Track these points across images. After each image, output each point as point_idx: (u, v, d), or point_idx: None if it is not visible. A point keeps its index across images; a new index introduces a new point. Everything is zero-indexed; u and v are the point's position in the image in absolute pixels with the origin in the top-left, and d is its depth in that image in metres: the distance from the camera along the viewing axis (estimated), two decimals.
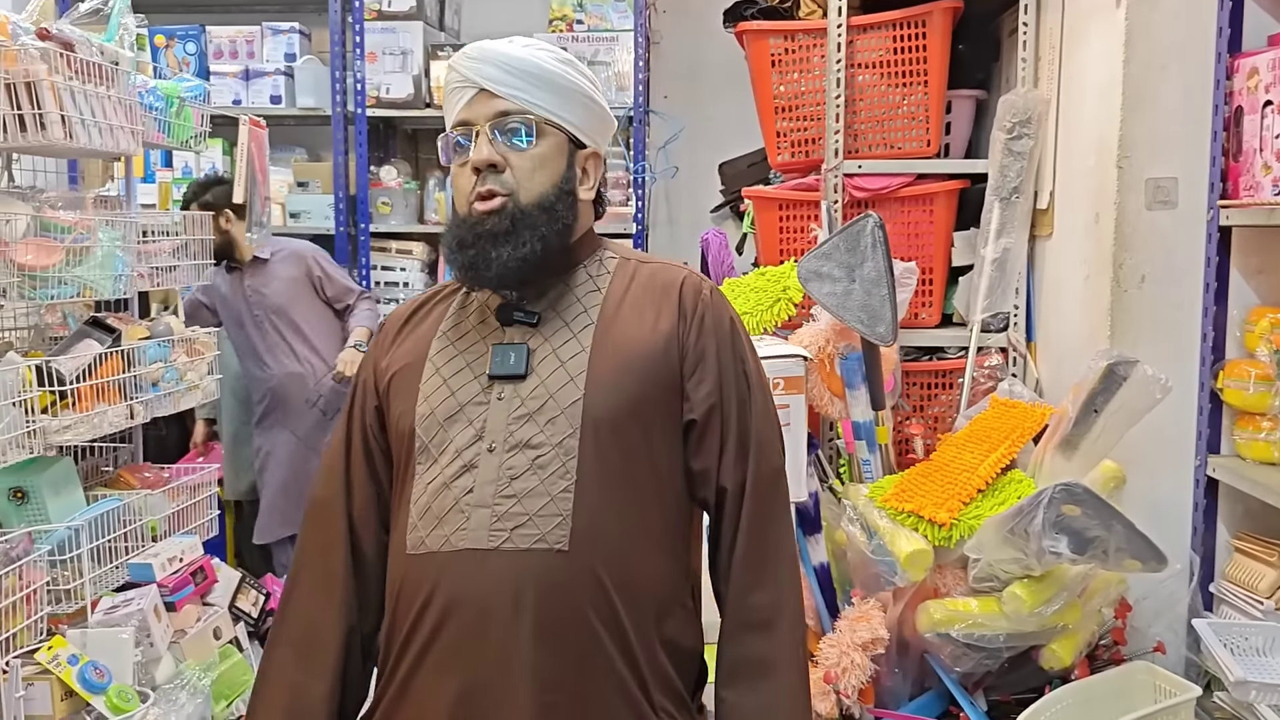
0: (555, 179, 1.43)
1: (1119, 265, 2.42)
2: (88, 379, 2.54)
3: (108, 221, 2.72)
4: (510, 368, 1.41)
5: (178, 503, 2.95)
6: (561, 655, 1.33)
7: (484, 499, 1.36)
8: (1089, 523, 1.98)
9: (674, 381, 1.42)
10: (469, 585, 1.34)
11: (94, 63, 2.59)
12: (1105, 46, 2.50)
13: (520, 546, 1.33)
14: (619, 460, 1.37)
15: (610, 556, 1.35)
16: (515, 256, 1.39)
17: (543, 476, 1.35)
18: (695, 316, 1.44)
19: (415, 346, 1.50)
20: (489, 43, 1.45)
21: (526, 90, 1.42)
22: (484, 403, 1.40)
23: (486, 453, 1.38)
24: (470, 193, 1.42)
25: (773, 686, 1.40)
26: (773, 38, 3.09)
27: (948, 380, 3.01)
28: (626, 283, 1.48)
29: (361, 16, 4.42)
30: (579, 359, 1.40)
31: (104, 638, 2.39)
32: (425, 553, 1.37)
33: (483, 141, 1.40)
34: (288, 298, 3.84)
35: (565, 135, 1.45)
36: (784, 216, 3.12)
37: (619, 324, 1.43)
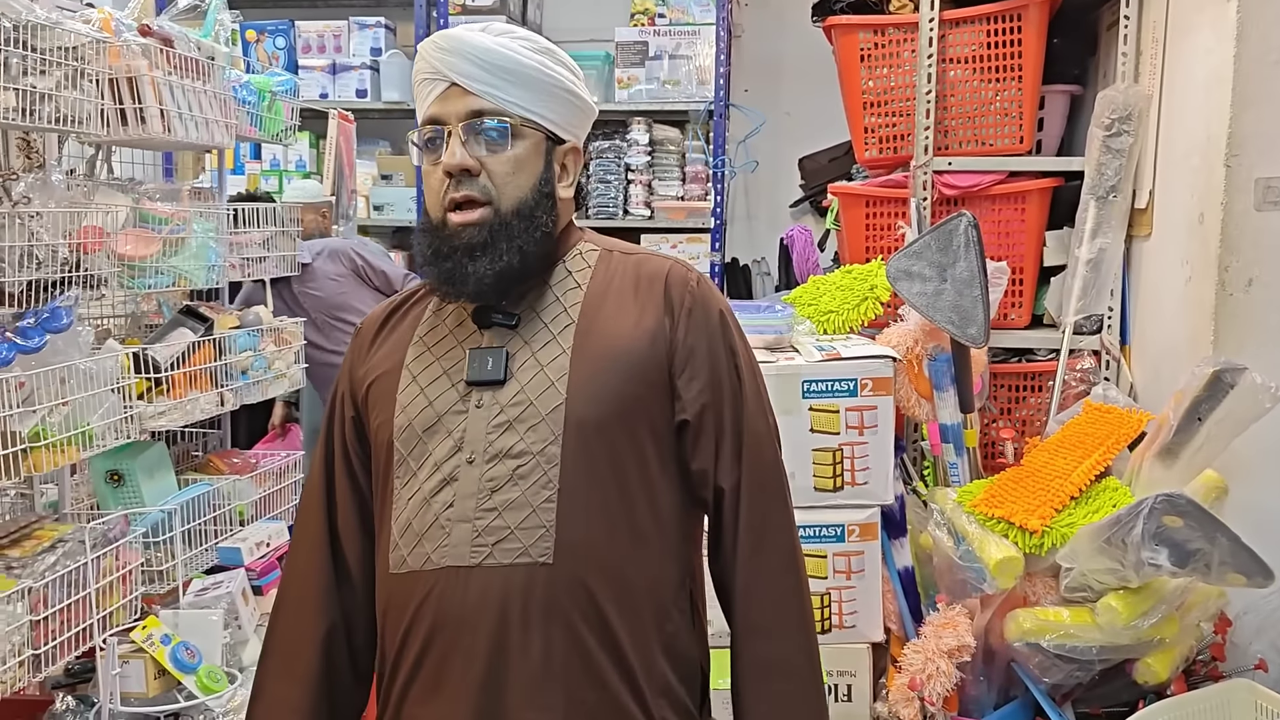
0: (534, 180, 1.34)
1: (1224, 268, 2.34)
2: (182, 366, 2.60)
3: (200, 213, 2.78)
4: (488, 373, 1.33)
5: (264, 488, 3.01)
6: (552, 672, 1.28)
7: (465, 513, 1.30)
8: (1191, 535, 1.92)
9: (663, 380, 1.34)
10: (452, 605, 1.28)
11: (191, 58, 2.65)
12: (1213, 41, 2.41)
13: (503, 562, 1.28)
14: (605, 465, 1.31)
15: (599, 566, 1.30)
16: (492, 270, 1.31)
17: (524, 487, 1.29)
18: (683, 310, 1.36)
19: (391, 353, 1.42)
20: (461, 31, 1.34)
21: (502, 87, 1.32)
22: (463, 411, 1.33)
23: (466, 464, 1.31)
24: (444, 196, 1.33)
25: (784, 688, 1.36)
26: (862, 32, 3.04)
27: (1036, 383, 2.95)
28: (608, 277, 1.39)
29: (446, 10, 4.46)
30: (559, 361, 1.33)
31: (195, 619, 2.44)
32: (407, 571, 1.32)
33: (455, 143, 1.31)
34: (341, 294, 3.86)
35: (543, 132, 1.36)
36: (870, 213, 3.07)
37: (601, 321, 1.35)
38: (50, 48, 2.08)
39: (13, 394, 1.96)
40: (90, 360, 2.22)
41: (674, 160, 4.53)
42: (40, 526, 2.22)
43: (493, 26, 1.37)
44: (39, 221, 2.14)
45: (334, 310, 3.87)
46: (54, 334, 2.13)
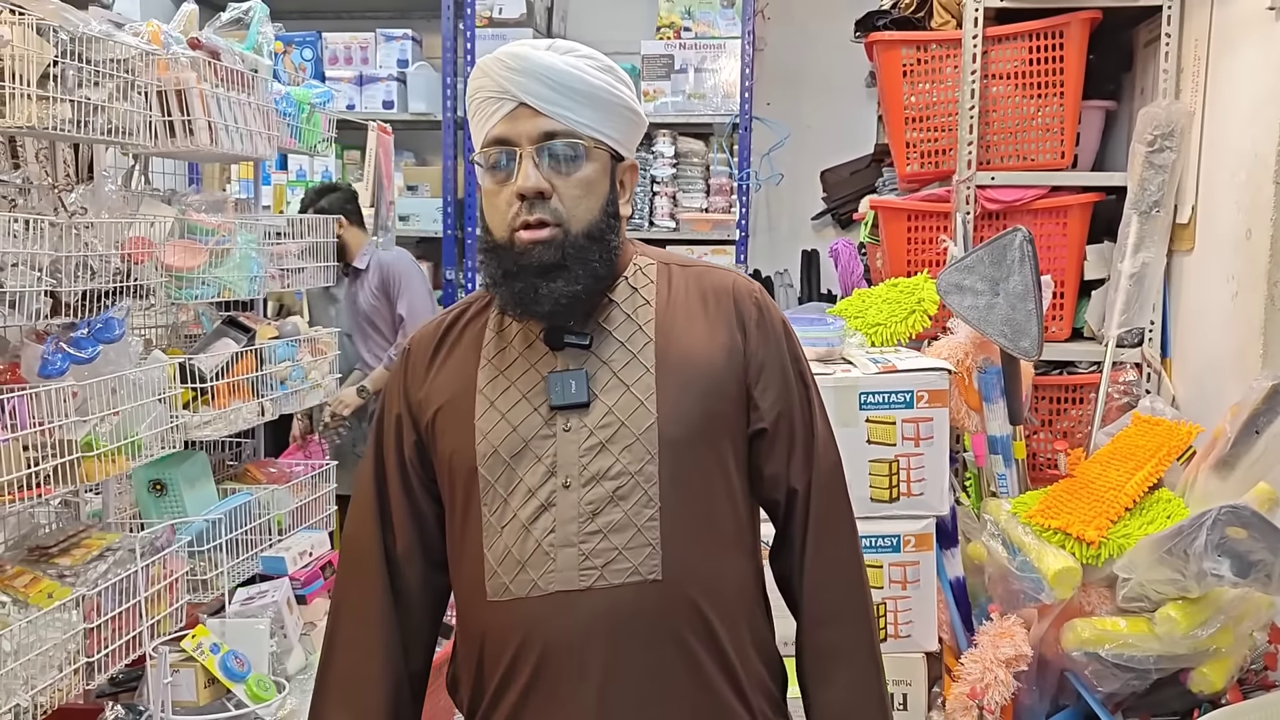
0: (602, 201, 1.35)
1: (1273, 283, 2.36)
2: (225, 377, 2.60)
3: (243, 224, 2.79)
4: (572, 396, 1.33)
5: (300, 498, 3.01)
6: (664, 682, 1.31)
7: (568, 538, 1.31)
8: (1254, 545, 1.94)
9: (740, 393, 1.38)
10: (564, 628, 1.30)
11: (237, 70, 2.67)
12: (1261, 59, 2.44)
13: (614, 583, 1.30)
14: (697, 479, 1.34)
15: (699, 575, 1.33)
16: (567, 292, 1.31)
17: (626, 508, 1.31)
18: (752, 323, 1.40)
19: (457, 378, 1.40)
20: (527, 50, 1.33)
21: (572, 108, 1.32)
22: (550, 435, 1.33)
23: (563, 489, 1.32)
24: (513, 218, 1.31)
25: (849, 674, 1.40)
26: (905, 48, 3.08)
27: (1078, 395, 2.97)
28: (673, 291, 1.41)
29: (473, 24, 4.49)
30: (645, 380, 1.34)
31: (242, 628, 2.44)
32: (511, 599, 1.32)
33: (528, 166, 1.30)
34: (374, 306, 3.95)
35: (609, 151, 1.36)
36: (912, 227, 3.10)
37: (677, 338, 1.37)
38: (103, 60, 2.10)
39: (67, 404, 1.97)
40: (139, 370, 2.23)
41: (699, 173, 4.56)
42: (88, 535, 2.23)
43: (557, 45, 1.36)
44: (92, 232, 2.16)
45: (368, 315, 3.94)
46: (106, 344, 2.14)
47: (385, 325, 3.99)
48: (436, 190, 4.64)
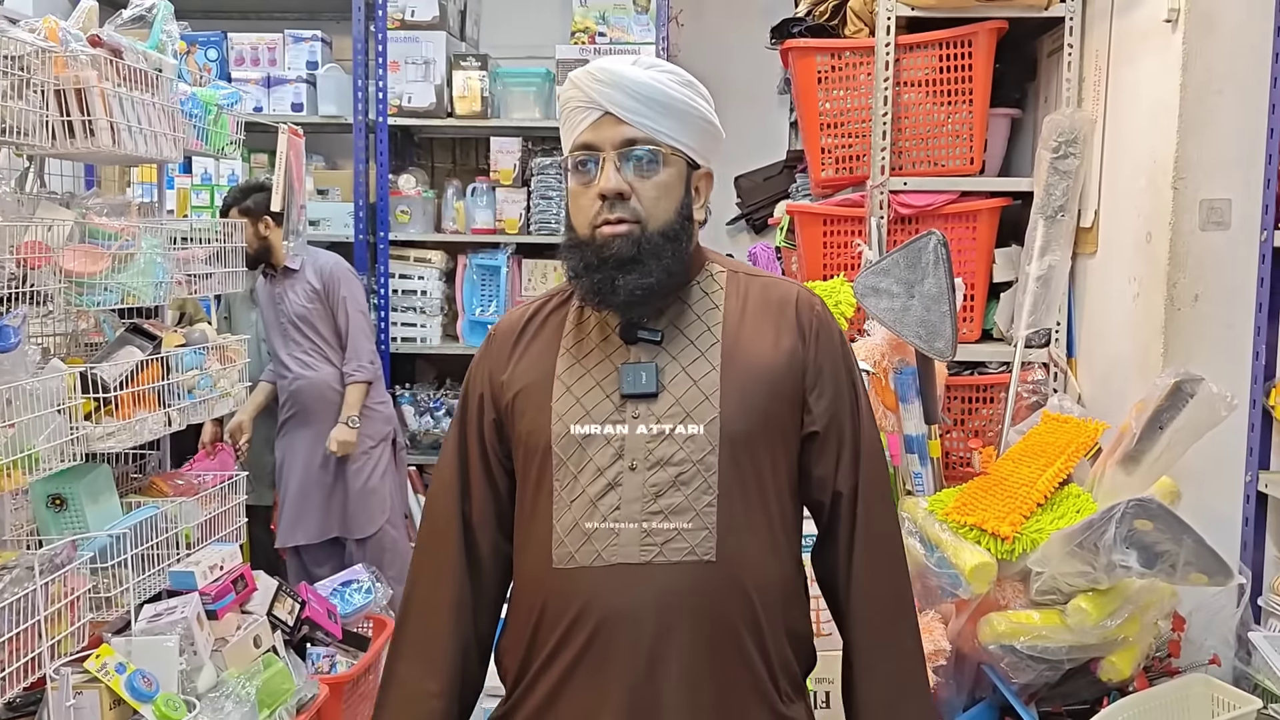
0: (677, 204, 1.46)
1: (1172, 284, 2.46)
2: (129, 386, 2.52)
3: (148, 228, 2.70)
4: (643, 386, 1.45)
5: (209, 510, 2.93)
6: (708, 657, 1.41)
7: (632, 515, 1.42)
8: (1160, 537, 2.01)
9: (797, 396, 1.49)
10: (623, 599, 1.41)
11: (140, 69, 2.59)
12: (1159, 68, 2.54)
13: (671, 560, 1.41)
14: (751, 472, 1.45)
15: (749, 562, 1.44)
16: (641, 284, 1.43)
17: (686, 492, 1.42)
18: (812, 333, 1.51)
19: (538, 363, 1.53)
20: (615, 65, 1.46)
21: (653, 118, 1.44)
22: (620, 421, 1.45)
23: (629, 471, 1.43)
24: (594, 216, 1.44)
25: (896, 667, 1.51)
26: (819, 55, 3.13)
27: (989, 394, 3.05)
28: (741, 298, 1.53)
29: (385, 25, 4.42)
30: (710, 377, 1.45)
31: (149, 646, 2.37)
32: (575, 568, 1.43)
33: (610, 169, 1.43)
34: (308, 308, 3.85)
35: (685, 159, 1.48)
36: (828, 232, 3.15)
37: (743, 341, 1.48)
38: None
39: None
40: (36, 380, 2.14)
41: None
42: None
43: (641, 60, 1.48)
44: None
45: (297, 318, 3.84)
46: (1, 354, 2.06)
47: (314, 331, 3.87)
48: (347, 194, 4.55)
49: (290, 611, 3.01)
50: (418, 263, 4.57)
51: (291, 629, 2.98)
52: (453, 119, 4.48)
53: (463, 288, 4.54)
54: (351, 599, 3.39)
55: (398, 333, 4.55)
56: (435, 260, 4.57)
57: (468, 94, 4.44)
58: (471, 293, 4.53)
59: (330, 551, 3.99)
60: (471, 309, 4.53)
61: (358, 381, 3.89)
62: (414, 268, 4.57)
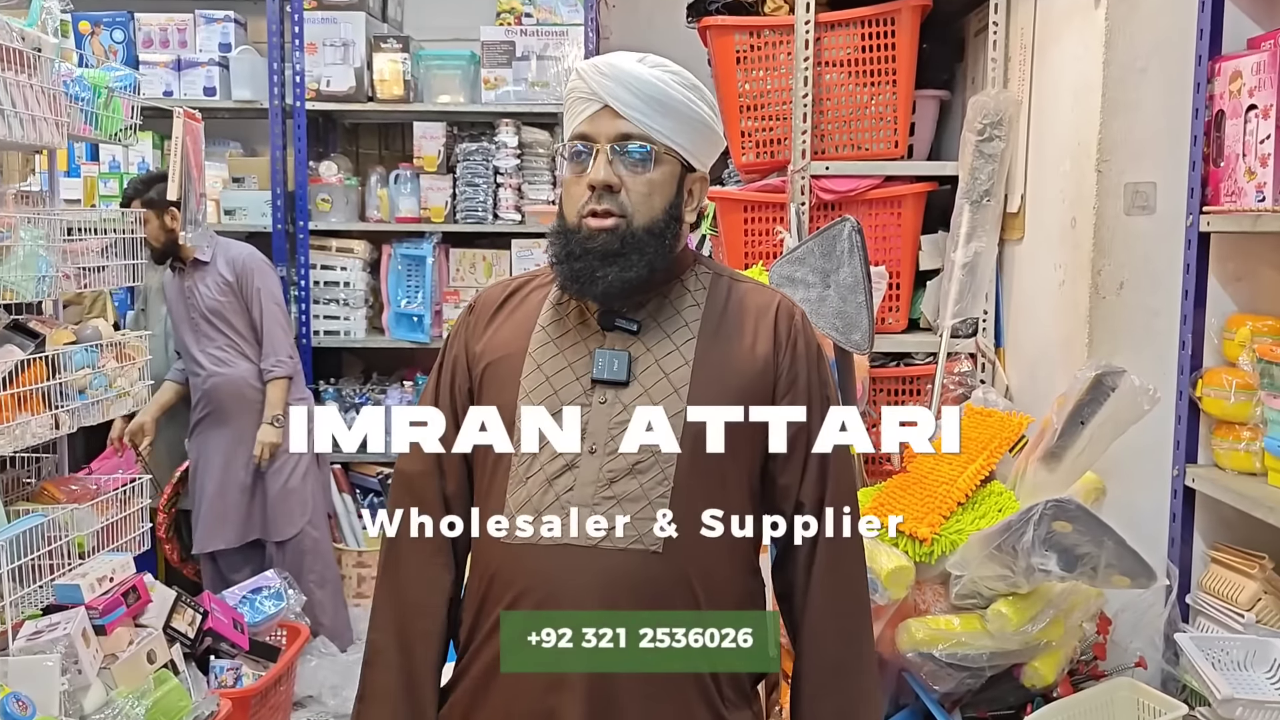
0: (665, 203, 1.47)
1: (1097, 271, 2.38)
2: (10, 387, 2.38)
3: (29, 219, 2.55)
4: (614, 373, 1.47)
5: (107, 516, 2.79)
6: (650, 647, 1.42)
7: (585, 498, 1.43)
8: (1080, 539, 1.93)
9: (767, 402, 1.49)
10: (566, 578, 1.42)
11: (14, 49, 2.43)
12: (1082, 48, 2.45)
13: (618, 546, 1.42)
14: (713, 470, 1.45)
15: (698, 560, 1.44)
16: (622, 277, 1.44)
17: (642, 481, 1.43)
18: (789, 342, 1.52)
19: (513, 336, 1.54)
20: (620, 60, 1.47)
21: (650, 116, 1.44)
22: (586, 404, 1.47)
23: (588, 454, 1.45)
24: (583, 206, 1.46)
25: (853, 687, 1.51)
26: (738, 34, 3.00)
27: (914, 386, 2.96)
28: (723, 301, 1.54)
29: (301, 6, 4.25)
30: (682, 371, 1.47)
31: (27, 666, 2.25)
32: (523, 543, 1.44)
33: (601, 161, 1.44)
34: (220, 301, 3.68)
35: (679, 160, 1.48)
36: (749, 219, 3.04)
37: (719, 341, 1.50)
38: None
39: None
40: None
41: (544, 163, 4.42)
42: None
43: (649, 58, 1.48)
44: None
45: (209, 312, 3.67)
46: None
47: (228, 325, 3.70)
48: (264, 182, 4.37)
49: (191, 623, 2.87)
50: (340, 253, 4.42)
51: (192, 641, 2.84)
52: (374, 103, 4.32)
53: (387, 278, 4.39)
54: (261, 607, 3.25)
55: (320, 326, 4.39)
56: (358, 250, 4.41)
57: (389, 77, 4.28)
58: (397, 283, 4.38)
59: (248, 556, 3.84)
60: (397, 300, 4.38)
61: (278, 377, 3.73)
62: (336, 258, 4.41)
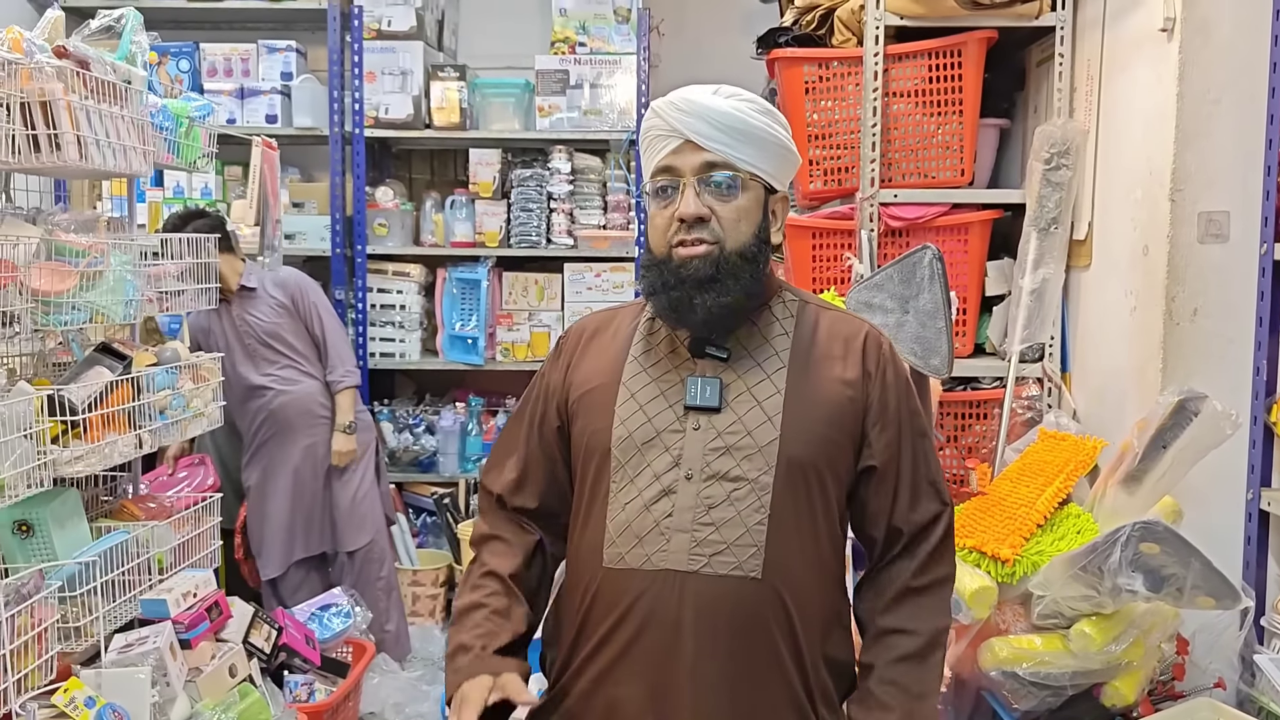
0: (754, 228, 1.50)
1: (1171, 298, 2.42)
2: (98, 408, 2.44)
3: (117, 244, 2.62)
4: (706, 400, 1.48)
5: (182, 534, 2.84)
6: (746, 669, 1.44)
7: (683, 524, 1.45)
8: (1166, 560, 1.96)
9: (857, 430, 1.51)
10: (668, 603, 1.44)
11: (108, 82, 2.51)
12: (1154, 78, 2.50)
13: (718, 572, 1.44)
14: (805, 498, 1.47)
15: (793, 584, 1.46)
16: (720, 303, 1.46)
17: (739, 508, 1.45)
18: (878, 371, 1.53)
19: (606, 367, 1.57)
20: (696, 95, 1.48)
21: (732, 145, 1.46)
22: (680, 431, 1.48)
23: (684, 480, 1.47)
24: (673, 236, 1.47)
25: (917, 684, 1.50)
26: (807, 65, 3.07)
27: (982, 410, 3.00)
28: (811, 328, 1.55)
29: (360, 35, 4.34)
30: (774, 400, 1.48)
31: (120, 678, 2.30)
32: (625, 568, 1.47)
33: (690, 195, 1.46)
34: (277, 323, 3.75)
35: (762, 184, 1.51)
36: (817, 245, 3.09)
37: (810, 369, 1.51)
38: None
39: None
40: (2, 404, 2.06)
41: (595, 189, 4.50)
42: None
43: (723, 89, 1.50)
44: None
45: (267, 336, 3.73)
46: None
47: (287, 346, 3.77)
48: (324, 207, 4.46)
49: (267, 638, 2.93)
50: (396, 276, 4.50)
51: (268, 656, 2.90)
52: (431, 130, 4.41)
53: (442, 301, 4.47)
54: (330, 624, 3.30)
55: (376, 348, 4.46)
56: (414, 274, 4.49)
57: (446, 105, 4.37)
58: (451, 307, 4.46)
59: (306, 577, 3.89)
60: (451, 323, 4.45)
61: (348, 387, 3.80)
62: (392, 281, 4.49)
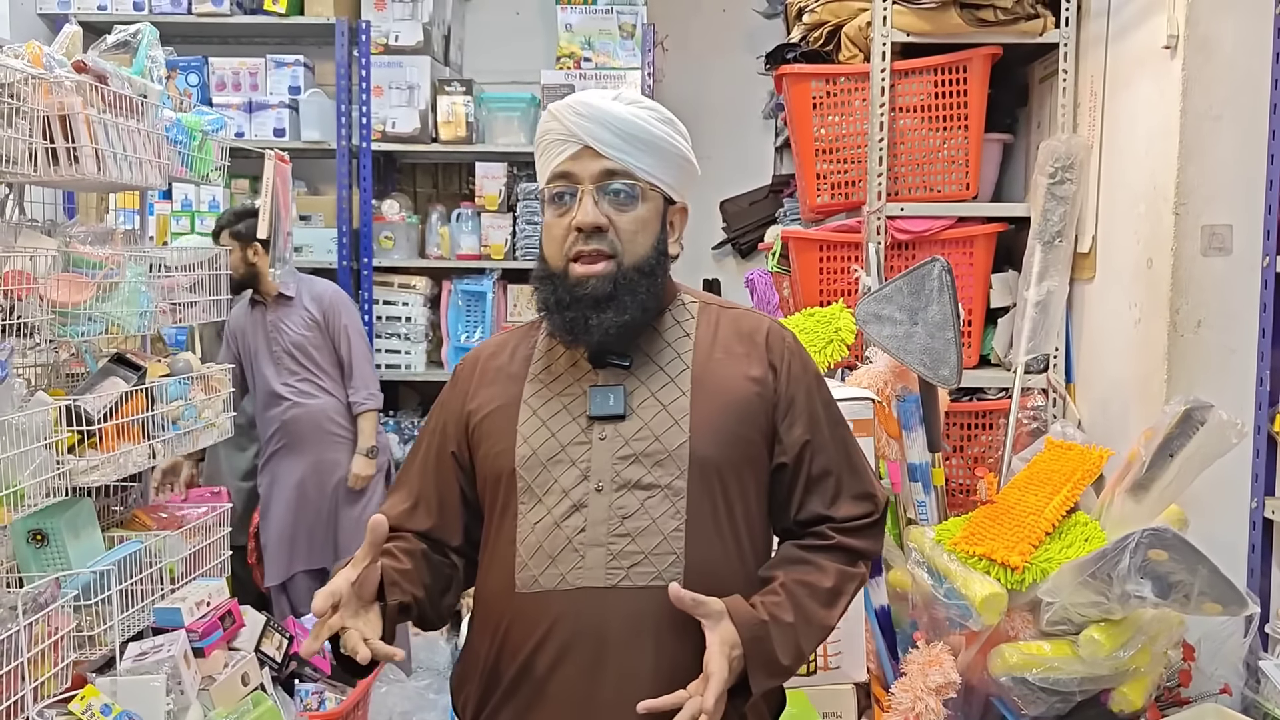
0: (653, 239, 1.46)
1: (1175, 310, 2.46)
2: (113, 418, 2.46)
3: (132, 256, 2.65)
4: (610, 408, 1.44)
5: (193, 544, 2.86)
6: (678, 683, 1.36)
7: (598, 538, 1.40)
8: (1174, 567, 1.99)
9: (768, 426, 1.48)
10: (588, 622, 1.38)
11: (125, 95, 2.54)
12: (1157, 94, 2.55)
13: (638, 584, 1.38)
14: (721, 498, 1.43)
15: (718, 587, 1.40)
16: (617, 322, 1.42)
17: (654, 516, 1.40)
18: (784, 364, 1.50)
19: (505, 389, 1.52)
20: (596, 99, 1.46)
21: (632, 153, 1.44)
22: (586, 443, 1.44)
23: (595, 492, 1.42)
24: (569, 247, 1.43)
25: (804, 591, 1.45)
26: (814, 81, 3.12)
27: (987, 420, 3.04)
28: (713, 328, 1.52)
29: (368, 50, 4.39)
30: (680, 403, 1.45)
31: (135, 685, 2.32)
32: (539, 592, 1.41)
33: (588, 203, 1.42)
34: (306, 336, 3.78)
35: (661, 194, 1.48)
36: (824, 258, 3.13)
37: (713, 369, 1.48)
38: None
39: None
40: (22, 414, 2.08)
41: None
42: None
43: (623, 95, 1.48)
44: None
45: (293, 347, 3.76)
46: None
47: (310, 360, 3.79)
48: (330, 220, 4.50)
49: (278, 647, 2.95)
50: (402, 289, 4.53)
51: (279, 665, 2.92)
52: (437, 144, 4.44)
53: (447, 314, 4.50)
54: None
55: (381, 359, 4.49)
56: (419, 286, 4.52)
57: (452, 119, 4.41)
58: (456, 319, 4.49)
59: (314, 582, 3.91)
60: (456, 335, 4.48)
61: (371, 409, 3.83)
62: (398, 294, 4.52)
